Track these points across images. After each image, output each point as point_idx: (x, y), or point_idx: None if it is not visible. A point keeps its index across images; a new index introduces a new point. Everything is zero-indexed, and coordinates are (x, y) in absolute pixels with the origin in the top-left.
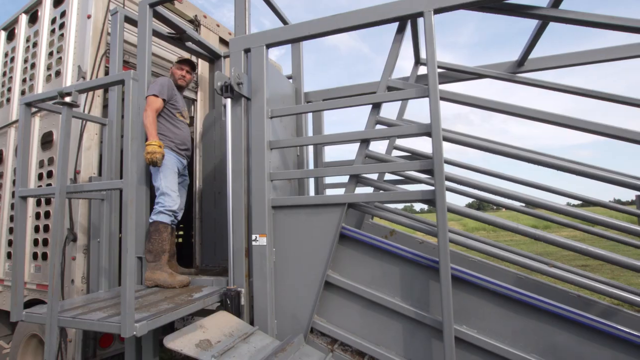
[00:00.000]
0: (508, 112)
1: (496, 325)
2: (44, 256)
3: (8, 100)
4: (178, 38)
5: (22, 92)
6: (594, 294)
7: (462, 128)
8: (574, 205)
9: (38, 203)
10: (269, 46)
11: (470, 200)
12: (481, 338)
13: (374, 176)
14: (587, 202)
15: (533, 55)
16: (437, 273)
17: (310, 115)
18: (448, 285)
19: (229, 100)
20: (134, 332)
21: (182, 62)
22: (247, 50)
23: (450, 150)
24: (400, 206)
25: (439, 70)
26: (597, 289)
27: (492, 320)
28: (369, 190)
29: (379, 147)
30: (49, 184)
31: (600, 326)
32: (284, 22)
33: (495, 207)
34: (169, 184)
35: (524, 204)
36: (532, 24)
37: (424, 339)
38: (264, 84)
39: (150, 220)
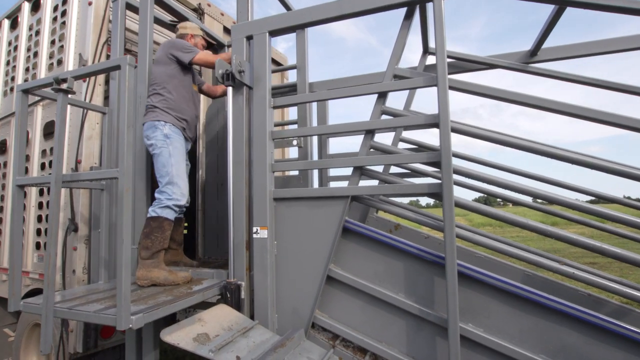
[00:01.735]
0: (518, 102)
1: (503, 323)
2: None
3: (12, 89)
4: None
5: (25, 81)
6: (603, 292)
7: (470, 122)
8: (583, 202)
9: (41, 192)
10: (272, 33)
11: (477, 195)
12: (487, 337)
13: (380, 169)
14: (598, 198)
15: (547, 44)
16: (443, 269)
17: (315, 106)
18: (454, 282)
19: (230, 89)
20: (130, 325)
21: (208, 44)
22: (249, 38)
23: (457, 144)
24: (406, 201)
25: (449, 60)
26: (609, 287)
27: (499, 318)
28: (374, 183)
29: (385, 140)
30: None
31: (612, 327)
32: (289, 10)
33: (502, 203)
34: (180, 172)
35: (532, 199)
36: (544, 16)
37: (428, 337)
38: (267, 72)
39: (154, 214)
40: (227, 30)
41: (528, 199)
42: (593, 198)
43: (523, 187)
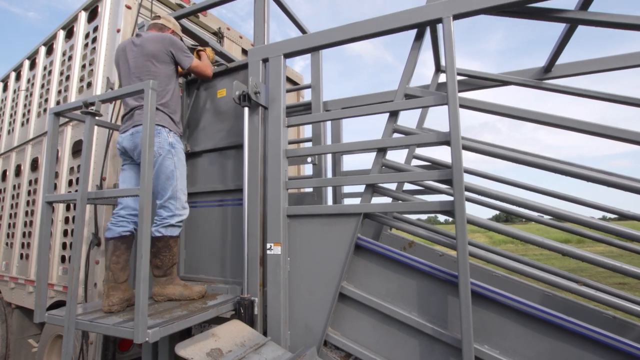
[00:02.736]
0: (531, 120)
1: (520, 346)
2: None
3: (45, 110)
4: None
5: (57, 103)
6: (631, 315)
7: (489, 137)
8: (609, 219)
9: (67, 207)
10: (286, 56)
11: (497, 212)
12: (504, 359)
13: (393, 186)
14: (624, 217)
15: (561, 60)
16: (457, 288)
17: (329, 124)
18: (468, 302)
19: (246, 109)
20: (147, 339)
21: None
22: (265, 60)
23: (475, 160)
24: (423, 217)
25: (461, 77)
26: (634, 310)
27: (516, 340)
28: (387, 200)
29: (400, 157)
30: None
31: (639, 352)
32: (303, 32)
33: (524, 220)
34: (183, 186)
35: (551, 217)
36: (560, 30)
37: (442, 358)
38: (282, 93)
39: (158, 235)
40: (245, 52)
41: (547, 217)
42: (617, 216)
43: (536, 205)
